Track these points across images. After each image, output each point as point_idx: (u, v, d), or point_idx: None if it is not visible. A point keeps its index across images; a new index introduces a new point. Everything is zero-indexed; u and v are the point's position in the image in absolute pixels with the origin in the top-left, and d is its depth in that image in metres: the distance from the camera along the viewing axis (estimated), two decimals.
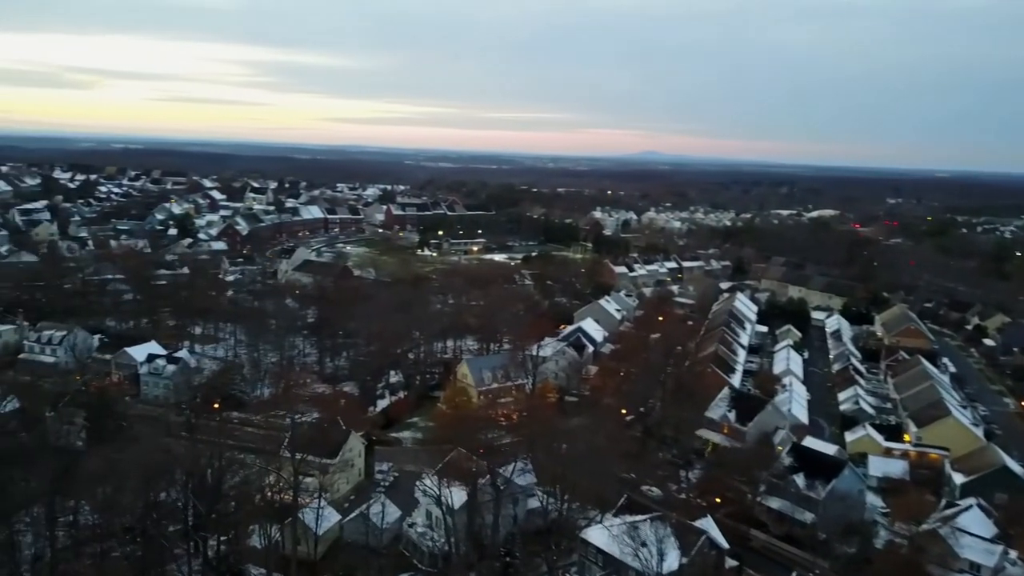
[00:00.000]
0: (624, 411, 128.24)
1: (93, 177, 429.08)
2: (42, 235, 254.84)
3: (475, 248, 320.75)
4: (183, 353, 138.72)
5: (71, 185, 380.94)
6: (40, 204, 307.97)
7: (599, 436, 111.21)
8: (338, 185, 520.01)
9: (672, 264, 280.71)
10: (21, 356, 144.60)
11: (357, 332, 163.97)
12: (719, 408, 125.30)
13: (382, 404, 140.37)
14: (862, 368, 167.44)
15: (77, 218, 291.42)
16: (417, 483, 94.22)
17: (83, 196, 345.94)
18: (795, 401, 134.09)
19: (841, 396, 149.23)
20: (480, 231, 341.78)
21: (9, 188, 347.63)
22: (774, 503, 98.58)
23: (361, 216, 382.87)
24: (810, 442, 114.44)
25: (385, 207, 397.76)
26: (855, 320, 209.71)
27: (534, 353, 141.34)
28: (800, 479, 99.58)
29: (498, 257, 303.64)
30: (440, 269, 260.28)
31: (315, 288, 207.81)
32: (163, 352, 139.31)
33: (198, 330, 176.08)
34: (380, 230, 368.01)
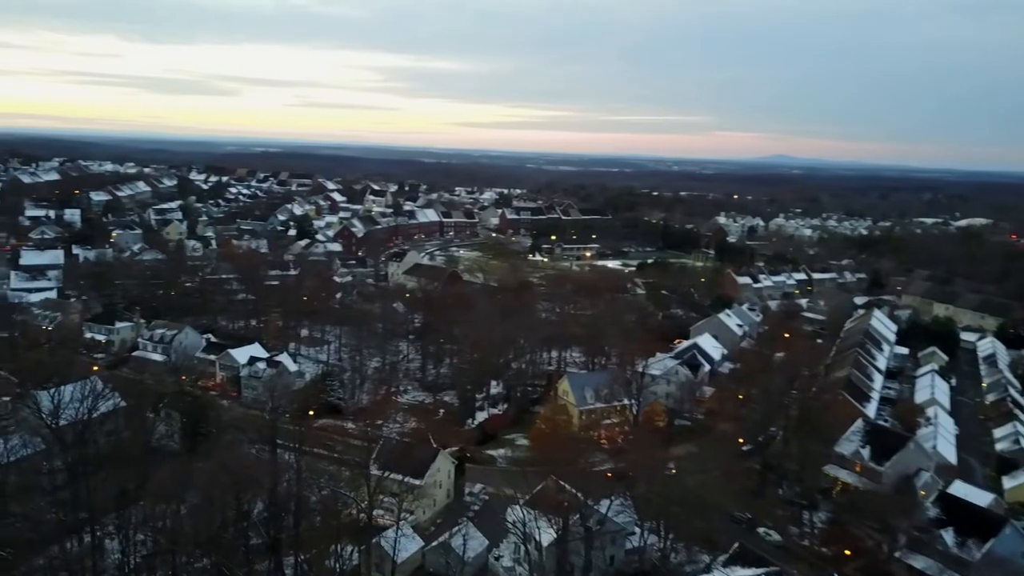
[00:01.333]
0: (741, 440, 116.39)
1: (224, 179, 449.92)
2: (172, 234, 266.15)
3: (588, 254, 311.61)
4: (283, 357, 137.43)
5: (204, 186, 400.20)
6: (174, 204, 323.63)
7: (712, 468, 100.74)
8: (456, 188, 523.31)
9: (801, 276, 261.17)
10: (135, 353, 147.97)
11: (461, 339, 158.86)
12: (851, 442, 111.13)
13: (480, 417, 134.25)
14: (1022, 400, 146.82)
15: (205, 218, 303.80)
16: (507, 511, 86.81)
17: (214, 197, 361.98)
18: (941, 437, 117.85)
19: (997, 433, 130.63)
20: (594, 236, 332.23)
21: (148, 189, 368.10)
22: (917, 562, 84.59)
23: (476, 220, 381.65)
24: (960, 488, 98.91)
25: (500, 211, 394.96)
26: (1013, 344, 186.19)
27: (643, 370, 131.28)
28: (949, 535, 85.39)
29: (612, 264, 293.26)
30: (550, 275, 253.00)
31: (423, 292, 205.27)
32: (264, 355, 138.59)
33: (304, 332, 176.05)
34: (494, 234, 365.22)
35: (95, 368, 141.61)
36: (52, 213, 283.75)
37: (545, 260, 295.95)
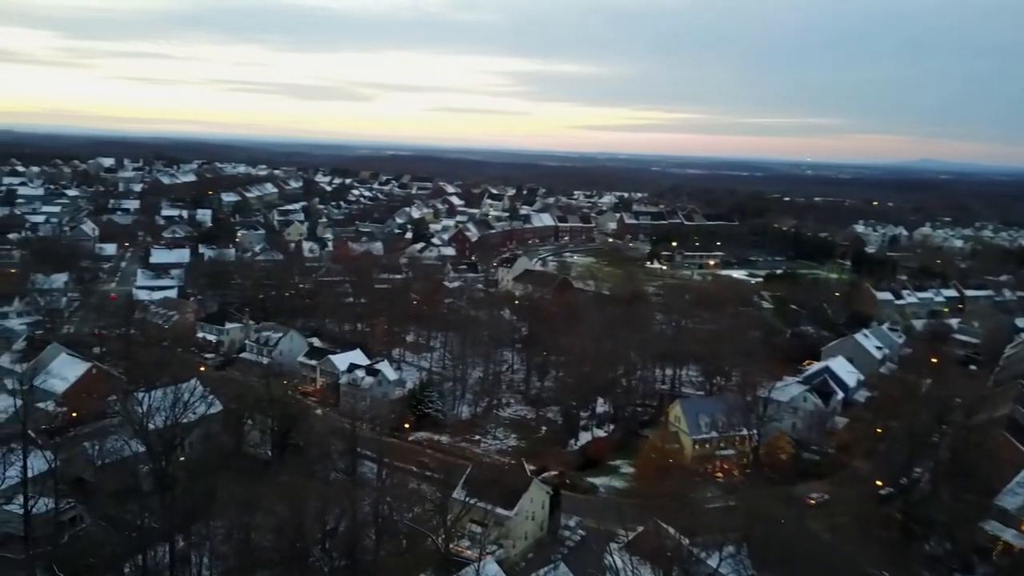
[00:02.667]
0: (879, 483, 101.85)
1: (348, 181, 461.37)
2: (293, 235, 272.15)
3: (711, 262, 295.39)
4: (383, 365, 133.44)
5: (328, 188, 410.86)
6: (297, 205, 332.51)
7: (843, 513, 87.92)
8: (574, 192, 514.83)
9: (951, 292, 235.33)
10: (242, 355, 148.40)
11: (568, 350, 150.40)
12: (1016, 495, 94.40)
13: (583, 438, 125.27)
14: None
15: (325, 219, 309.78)
16: (604, 555, 77.62)
17: (336, 199, 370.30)
18: None
19: None
20: (719, 243, 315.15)
21: (275, 190, 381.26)
22: None
23: (592, 224, 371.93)
24: None
25: (618, 215, 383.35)
26: None
27: (766, 396, 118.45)
28: None
29: (736, 274, 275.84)
30: (669, 284, 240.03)
31: (531, 299, 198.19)
32: (365, 362, 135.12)
33: (410, 337, 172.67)
34: (611, 239, 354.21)
35: (201, 368, 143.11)
36: (185, 213, 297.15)
37: (664, 268, 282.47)
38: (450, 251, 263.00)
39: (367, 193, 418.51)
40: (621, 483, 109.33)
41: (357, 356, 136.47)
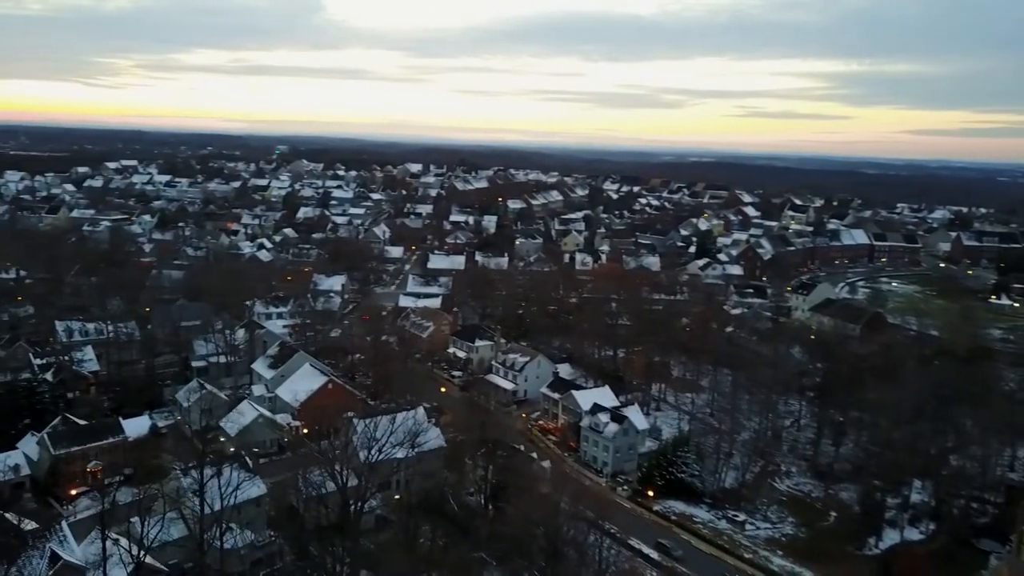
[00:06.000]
0: None
1: (636, 189, 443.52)
2: (568, 245, 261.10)
3: None
4: (632, 411, 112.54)
5: (614, 196, 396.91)
6: (579, 214, 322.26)
7: None
8: (897, 205, 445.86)
9: None
10: (488, 376, 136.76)
11: (877, 408, 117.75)
12: None
13: (889, 538, 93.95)
14: None
15: (604, 230, 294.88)
16: None
17: (620, 208, 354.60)
18: None
19: None
20: None
21: (560, 197, 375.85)
22: None
23: (918, 244, 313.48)
24: None
25: (954, 235, 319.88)
26: None
27: None
28: None
29: None
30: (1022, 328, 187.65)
31: (832, 336, 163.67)
32: (612, 402, 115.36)
33: (676, 372, 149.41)
34: (942, 264, 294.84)
35: (442, 389, 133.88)
36: (471, 219, 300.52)
37: (1016, 305, 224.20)
38: (737, 270, 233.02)
39: (654, 202, 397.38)
40: None
41: (604, 395, 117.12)
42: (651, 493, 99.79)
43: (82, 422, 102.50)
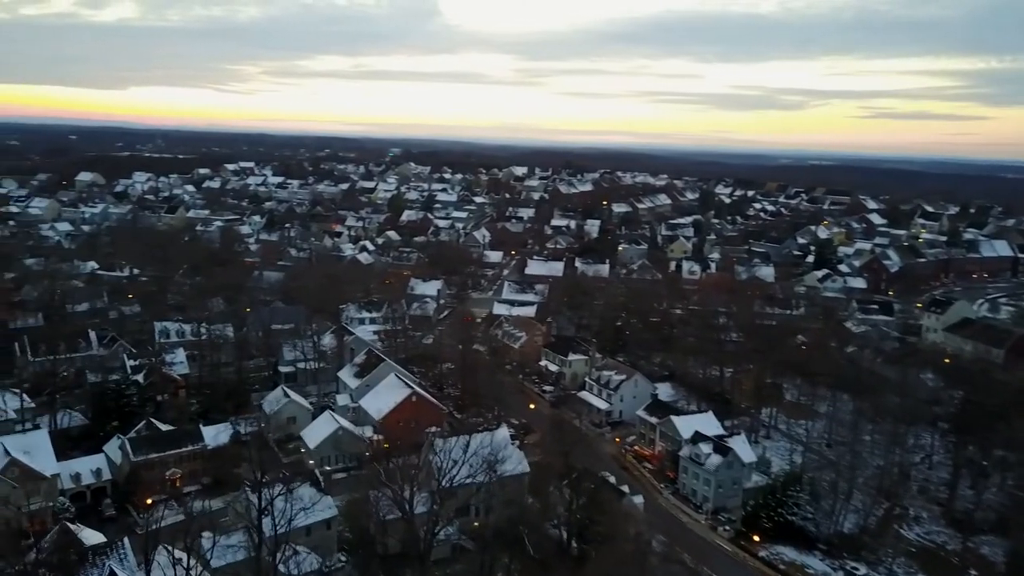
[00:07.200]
0: None
1: (750, 193, 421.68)
2: (675, 252, 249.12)
3: None
4: (738, 441, 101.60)
5: (726, 201, 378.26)
6: (688, 219, 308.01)
7: None
8: None
9: None
10: (580, 393, 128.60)
11: None
12: None
13: None
14: None
15: (714, 236, 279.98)
16: None
17: (733, 213, 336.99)
18: None
19: None
20: None
21: (669, 201, 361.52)
22: None
23: None
24: None
25: None
26: None
27: None
28: None
29: None
30: None
31: (972, 361, 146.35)
32: (716, 430, 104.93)
33: (789, 394, 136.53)
34: None
35: (531, 406, 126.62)
36: (573, 223, 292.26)
37: None
38: (859, 283, 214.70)
39: (769, 207, 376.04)
40: None
41: (707, 422, 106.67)
42: (757, 538, 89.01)
43: (164, 427, 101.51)
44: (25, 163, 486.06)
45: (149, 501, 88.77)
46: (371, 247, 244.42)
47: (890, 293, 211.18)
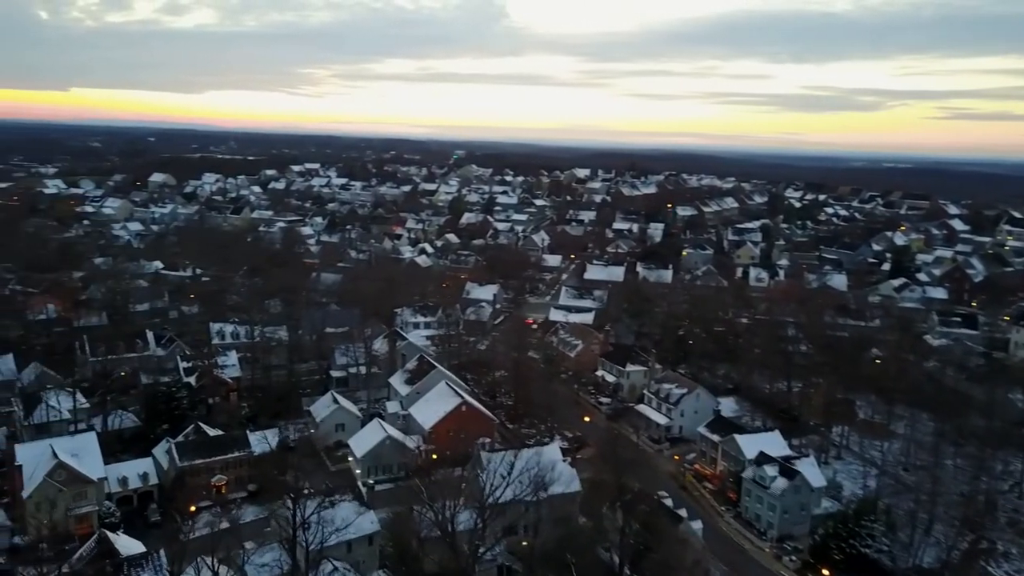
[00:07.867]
0: None
1: (822, 197, 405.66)
2: (742, 258, 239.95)
3: None
4: (806, 464, 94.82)
5: (796, 205, 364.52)
6: (756, 223, 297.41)
7: None
8: None
9: None
10: (639, 407, 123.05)
11: None
12: None
13: None
14: None
15: (783, 242, 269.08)
16: None
17: (803, 217, 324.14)
18: None
19: None
20: None
21: (736, 205, 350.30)
22: None
23: None
24: None
25: None
26: None
27: None
28: None
29: None
30: None
31: None
32: (781, 450, 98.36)
33: (863, 412, 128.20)
34: None
35: (586, 419, 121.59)
36: (636, 227, 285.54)
37: None
38: (940, 293, 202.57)
39: (842, 212, 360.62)
40: None
41: (773, 441, 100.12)
42: (827, 573, 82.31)
43: (212, 432, 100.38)
44: (104, 164, 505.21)
45: (192, 508, 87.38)
46: (430, 250, 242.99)
47: (973, 304, 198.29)
